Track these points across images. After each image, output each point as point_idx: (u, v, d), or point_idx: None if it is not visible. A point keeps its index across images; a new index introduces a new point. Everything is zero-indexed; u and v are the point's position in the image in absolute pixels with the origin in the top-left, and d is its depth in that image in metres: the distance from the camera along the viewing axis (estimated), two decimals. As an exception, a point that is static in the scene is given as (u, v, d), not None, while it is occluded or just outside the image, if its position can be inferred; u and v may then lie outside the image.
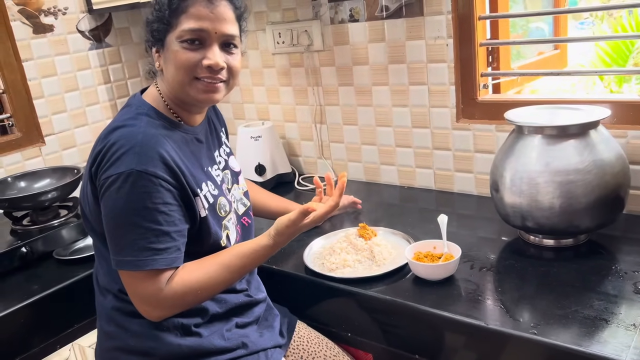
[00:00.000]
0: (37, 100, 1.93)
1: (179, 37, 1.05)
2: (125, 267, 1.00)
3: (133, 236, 0.99)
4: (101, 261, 1.14)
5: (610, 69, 4.01)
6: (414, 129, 1.77)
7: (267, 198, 1.52)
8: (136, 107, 1.10)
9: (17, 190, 1.73)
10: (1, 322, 1.29)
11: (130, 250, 0.99)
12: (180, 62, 1.05)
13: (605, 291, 1.10)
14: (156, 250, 0.99)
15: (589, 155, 1.20)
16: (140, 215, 0.98)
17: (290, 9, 1.91)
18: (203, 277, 1.05)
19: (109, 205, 1.00)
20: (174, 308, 1.05)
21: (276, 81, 2.05)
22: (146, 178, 0.98)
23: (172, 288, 1.02)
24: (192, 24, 1.04)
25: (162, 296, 1.02)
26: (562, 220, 1.23)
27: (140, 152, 0.99)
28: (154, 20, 1.08)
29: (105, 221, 1.02)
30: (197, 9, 1.04)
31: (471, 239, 1.40)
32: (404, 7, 1.66)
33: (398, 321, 1.19)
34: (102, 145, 1.03)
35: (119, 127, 1.04)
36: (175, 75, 1.07)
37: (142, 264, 0.99)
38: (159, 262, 1.00)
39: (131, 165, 0.98)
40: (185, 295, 1.04)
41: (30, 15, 1.89)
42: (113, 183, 0.99)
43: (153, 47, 1.11)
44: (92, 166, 1.04)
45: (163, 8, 1.06)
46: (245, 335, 1.15)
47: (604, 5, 4.39)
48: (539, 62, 2.50)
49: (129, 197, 0.98)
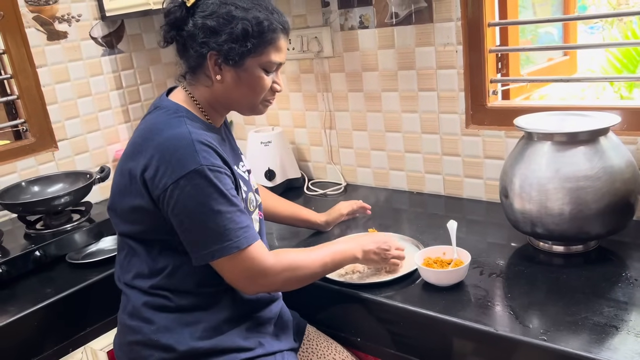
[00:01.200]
0: (51, 105, 1.95)
1: (263, 65, 1.14)
2: (225, 252, 1.04)
3: (223, 223, 1.04)
4: (132, 259, 1.15)
5: (620, 76, 3.99)
6: (423, 134, 1.78)
7: (277, 202, 1.54)
8: (173, 110, 1.13)
9: (31, 194, 1.76)
10: (15, 324, 1.31)
11: (225, 236, 1.04)
12: (261, 87, 1.15)
13: (616, 298, 1.10)
14: (244, 227, 1.07)
15: (599, 161, 1.20)
16: (221, 202, 1.04)
17: (300, 16, 1.93)
18: (305, 260, 1.15)
19: (189, 205, 1.03)
20: (275, 281, 1.11)
21: (286, 87, 2.07)
22: (214, 170, 1.05)
23: (278, 260, 1.10)
24: (278, 58, 1.15)
25: (268, 266, 1.08)
26: (572, 226, 1.23)
27: (199, 149, 1.04)
28: (234, 40, 1.09)
29: (189, 222, 1.05)
30: (282, 43, 1.15)
31: (481, 245, 1.40)
32: (414, 14, 1.67)
33: (407, 327, 1.20)
34: (153, 150, 1.06)
35: (164, 129, 1.08)
36: (249, 96, 1.16)
37: (240, 243, 1.05)
38: (250, 238, 1.07)
39: (197, 162, 1.03)
40: (286, 270, 1.11)
41: (44, 22, 1.92)
42: (186, 185, 1.03)
43: (212, 58, 1.11)
44: (144, 171, 1.06)
45: (253, 34, 1.10)
46: (262, 336, 1.17)
47: (613, 12, 4.37)
48: (548, 68, 2.50)
49: (206, 191, 1.03)
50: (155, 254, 1.12)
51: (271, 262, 1.09)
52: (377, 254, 1.25)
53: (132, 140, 1.13)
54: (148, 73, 2.25)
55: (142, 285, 1.13)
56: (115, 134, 2.16)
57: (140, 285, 1.14)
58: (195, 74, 1.16)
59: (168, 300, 1.12)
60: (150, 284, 1.12)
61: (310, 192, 2.00)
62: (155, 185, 1.05)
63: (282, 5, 1.95)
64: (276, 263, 1.09)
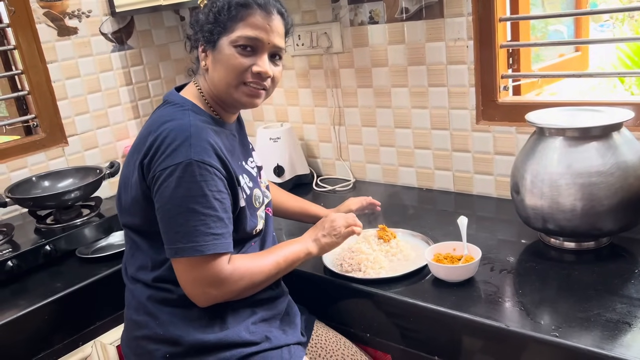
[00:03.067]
0: (61, 101, 1.96)
1: (233, 42, 1.10)
2: (186, 253, 1.03)
3: (193, 223, 1.03)
4: (135, 252, 1.17)
5: (631, 71, 3.95)
6: (433, 130, 1.77)
7: (286, 198, 1.54)
8: (180, 104, 1.15)
9: (41, 189, 1.77)
10: (25, 318, 1.32)
11: (192, 236, 1.03)
12: (233, 65, 1.11)
13: (629, 294, 1.09)
14: (216, 235, 1.04)
15: (611, 157, 1.19)
16: (199, 202, 1.03)
17: (310, 11, 1.92)
18: (259, 265, 1.12)
19: (166, 195, 1.04)
20: (232, 290, 1.09)
21: (295, 83, 2.07)
22: (203, 167, 1.03)
23: (235, 269, 1.07)
24: (249, 32, 1.10)
25: (224, 277, 1.06)
26: (583, 222, 1.22)
27: (194, 143, 1.04)
28: (209, 22, 1.12)
29: (163, 211, 1.05)
30: (256, 18, 1.10)
31: (491, 241, 1.39)
32: (424, 9, 1.66)
33: (417, 322, 1.19)
34: (153, 138, 1.07)
35: (168, 121, 1.09)
36: (224, 77, 1.13)
37: (205, 248, 1.03)
38: (219, 247, 1.04)
39: (188, 155, 1.03)
40: (241, 280, 1.08)
41: (55, 18, 1.93)
42: (172, 173, 1.03)
43: (200, 47, 1.15)
44: (144, 158, 1.07)
45: (222, 12, 1.10)
46: (269, 330, 1.16)
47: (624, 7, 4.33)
48: (559, 64, 2.48)
49: (188, 186, 1.03)
50: (157, 247, 1.12)
51: (228, 272, 1.06)
52: (326, 236, 1.24)
53: (139, 134, 1.15)
54: (157, 69, 2.25)
55: (146, 278, 1.14)
56: (125, 130, 2.16)
57: (143, 278, 1.15)
58: (198, 66, 1.20)
59: (170, 293, 1.12)
60: (153, 276, 1.13)
61: (319, 188, 2.00)
62: (148, 170, 1.06)
63: (292, 0, 1.94)
64: (233, 273, 1.07)
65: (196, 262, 1.04)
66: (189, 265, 1.05)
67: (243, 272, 1.09)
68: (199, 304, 1.09)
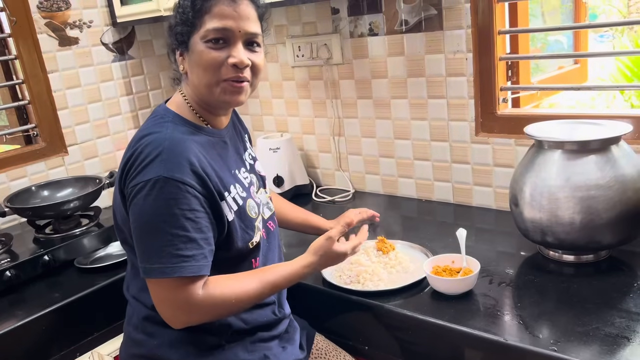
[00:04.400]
0: (62, 111, 1.97)
1: (203, 37, 1.05)
2: (153, 274, 0.99)
3: (160, 243, 0.98)
4: (135, 273, 1.14)
5: (631, 84, 3.97)
6: (432, 142, 1.77)
7: (288, 209, 1.53)
8: (160, 115, 1.11)
9: (41, 199, 1.77)
10: (23, 329, 1.31)
11: (158, 257, 0.98)
12: (206, 61, 1.05)
13: (627, 309, 1.09)
14: (184, 257, 0.98)
15: (610, 170, 1.19)
16: (167, 221, 0.98)
17: (310, 23, 1.94)
18: (239, 289, 1.05)
19: (136, 212, 1.00)
20: (205, 316, 1.04)
21: (295, 94, 2.07)
22: (173, 184, 0.98)
23: (208, 295, 1.01)
24: (216, 24, 1.04)
25: (193, 303, 1.00)
26: (582, 235, 1.22)
27: (167, 158, 1.00)
28: (178, 24, 1.08)
29: (133, 229, 1.02)
30: (221, 8, 1.04)
31: (490, 253, 1.39)
32: (424, 22, 1.67)
33: (416, 335, 1.19)
34: (129, 154, 1.04)
35: (145, 135, 1.05)
36: (201, 76, 1.07)
37: (170, 271, 0.98)
38: (186, 270, 0.98)
39: (158, 172, 0.98)
40: (218, 305, 1.03)
41: (56, 28, 1.94)
42: (140, 190, 0.99)
43: (177, 51, 1.12)
44: (121, 175, 1.05)
45: (186, 10, 1.06)
46: (268, 348, 1.15)
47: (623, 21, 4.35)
48: (559, 76, 2.49)
49: (156, 204, 0.98)
50: None
51: (199, 299, 1.00)
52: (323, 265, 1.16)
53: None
54: (158, 79, 2.26)
55: (146, 301, 1.11)
56: (125, 140, 2.17)
57: (145, 301, 1.11)
58: (181, 75, 1.15)
59: None
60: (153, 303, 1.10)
61: (318, 198, 2.00)
62: (124, 187, 1.04)
63: (292, 12, 1.95)
64: (205, 299, 1.01)
65: (166, 283, 0.99)
66: (158, 286, 1.00)
67: (216, 300, 1.02)
68: (172, 325, 1.03)
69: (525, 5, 1.78)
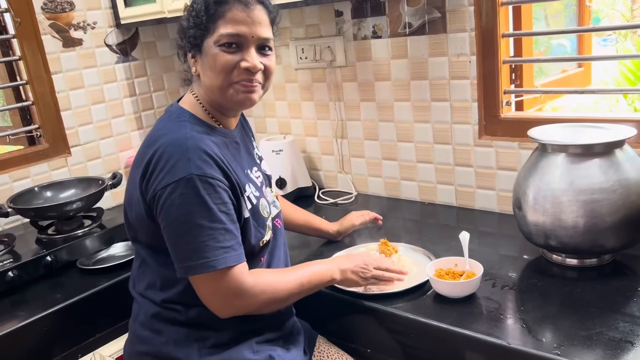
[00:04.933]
0: (65, 112, 1.97)
1: (217, 42, 1.07)
2: (198, 270, 1.01)
3: (202, 238, 1.00)
4: (145, 270, 1.15)
5: (634, 88, 3.96)
6: (435, 144, 1.77)
7: (291, 210, 1.54)
8: (176, 115, 1.13)
9: (44, 199, 1.77)
10: (24, 329, 1.31)
11: (202, 252, 1.01)
12: (220, 65, 1.08)
13: (631, 313, 1.08)
14: (225, 248, 1.02)
15: (614, 174, 1.19)
16: (205, 217, 1.01)
17: (313, 25, 1.94)
18: (282, 282, 1.10)
19: (171, 214, 1.01)
20: (252, 303, 1.07)
21: (298, 96, 2.07)
22: (205, 181, 1.01)
23: (257, 282, 1.06)
24: (230, 29, 1.06)
25: (245, 288, 1.04)
26: (586, 239, 1.21)
27: (193, 157, 1.02)
28: (191, 27, 1.10)
29: (169, 230, 1.03)
30: (234, 13, 1.07)
31: (493, 256, 1.39)
32: (427, 24, 1.67)
33: (418, 338, 1.19)
34: (151, 155, 1.04)
35: (164, 135, 1.07)
36: (214, 79, 1.10)
37: (216, 263, 1.01)
38: (230, 259, 1.02)
39: (188, 170, 1.00)
40: (262, 294, 1.07)
41: (60, 30, 1.94)
42: (173, 191, 1.00)
43: (189, 53, 1.14)
44: (143, 177, 1.05)
45: (200, 14, 1.08)
46: (273, 349, 1.15)
47: (627, 25, 4.35)
48: (562, 80, 2.49)
49: (192, 202, 1.00)
50: (166, 265, 1.10)
51: (250, 285, 1.05)
52: (355, 272, 1.22)
53: (140, 149, 1.13)
54: (161, 80, 2.26)
55: (155, 298, 1.13)
56: (128, 141, 2.17)
57: (152, 297, 1.13)
58: (190, 75, 1.18)
59: (179, 314, 1.11)
60: (163, 297, 1.12)
61: (321, 201, 1.99)
62: (147, 190, 1.04)
63: (296, 14, 1.95)
64: (255, 285, 1.05)
65: (213, 276, 1.02)
66: (207, 281, 1.03)
67: (265, 286, 1.07)
68: (222, 315, 1.07)
69: (528, 8, 1.78)
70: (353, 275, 1.22)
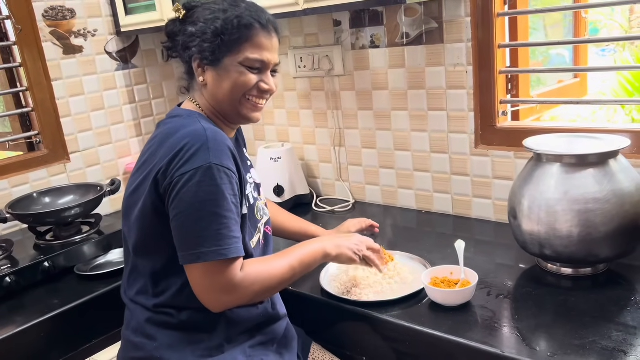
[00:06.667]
0: (65, 118, 1.98)
1: (242, 63, 1.14)
2: (209, 257, 1.02)
3: (216, 226, 1.03)
4: (137, 277, 1.16)
5: (630, 99, 3.98)
6: (432, 153, 1.78)
7: (286, 218, 1.54)
8: (187, 114, 1.16)
9: (42, 205, 1.78)
10: (22, 335, 1.32)
11: (215, 240, 1.03)
12: (242, 82, 1.14)
13: (625, 322, 1.09)
14: (236, 237, 1.05)
15: (608, 184, 1.20)
16: (221, 205, 1.03)
17: (312, 34, 1.95)
18: (270, 270, 1.11)
19: (187, 200, 1.03)
20: (244, 295, 1.08)
21: (297, 104, 2.09)
22: (222, 171, 1.04)
23: (246, 274, 1.07)
24: (257, 54, 1.14)
25: (237, 282, 1.06)
26: (580, 249, 1.22)
27: (212, 147, 1.05)
28: (207, 40, 1.12)
29: (184, 216, 1.04)
30: (260, 39, 1.14)
31: (488, 265, 1.39)
32: (425, 34, 1.68)
33: (413, 346, 1.19)
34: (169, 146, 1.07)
35: (181, 129, 1.09)
36: (229, 93, 1.15)
37: (228, 251, 1.03)
38: (240, 250, 1.05)
39: (207, 159, 1.03)
40: (253, 285, 1.08)
41: (61, 37, 1.96)
42: (191, 178, 1.02)
43: (195, 62, 1.15)
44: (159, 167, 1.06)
45: (226, 33, 1.12)
46: (266, 354, 1.16)
47: (624, 37, 4.37)
48: (558, 90, 2.51)
49: (210, 190, 1.03)
50: (157, 270, 1.12)
51: (240, 279, 1.06)
52: (350, 249, 1.24)
53: (148, 150, 1.14)
54: (161, 88, 2.28)
55: (146, 303, 1.13)
56: (127, 148, 2.18)
57: (143, 302, 1.14)
58: (191, 82, 1.21)
59: (171, 317, 1.12)
60: (154, 303, 1.12)
61: (318, 208, 2.00)
62: (164, 178, 1.05)
63: (295, 23, 1.97)
64: (245, 278, 1.07)
65: (213, 267, 1.03)
66: (204, 271, 1.04)
67: (255, 277, 1.08)
68: (213, 310, 1.08)
69: (525, 19, 1.80)
70: (349, 251, 1.24)
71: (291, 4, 1.58)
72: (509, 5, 1.59)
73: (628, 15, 4.88)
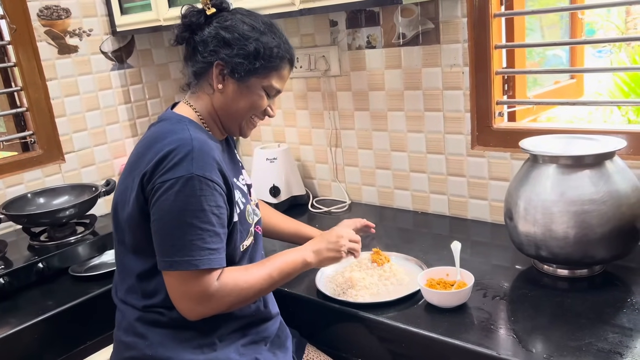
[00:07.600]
0: (59, 118, 1.97)
1: (265, 88, 1.18)
2: (181, 267, 1.03)
3: (190, 237, 1.03)
4: (125, 277, 1.16)
5: (626, 100, 3.99)
6: (428, 154, 1.78)
7: (280, 219, 1.54)
8: (177, 119, 1.16)
9: (36, 206, 1.77)
10: (16, 336, 1.31)
11: (187, 250, 1.03)
12: (258, 104, 1.19)
13: (621, 324, 1.09)
14: (211, 250, 1.05)
15: (604, 185, 1.20)
16: (198, 217, 1.03)
17: (308, 35, 1.95)
18: (250, 277, 1.11)
19: (165, 208, 1.04)
20: (220, 305, 1.08)
21: (293, 104, 2.08)
22: (204, 182, 1.04)
23: (222, 285, 1.07)
24: (279, 85, 1.20)
25: (212, 292, 1.06)
26: (576, 250, 1.22)
27: (197, 157, 1.05)
28: (240, 56, 1.13)
29: (160, 223, 1.05)
30: (285, 73, 1.21)
31: (484, 266, 1.39)
32: (421, 35, 1.68)
33: (409, 348, 1.19)
34: (155, 152, 1.07)
35: (169, 135, 1.09)
36: (242, 110, 1.19)
37: (200, 262, 1.03)
38: (214, 262, 1.05)
39: (190, 169, 1.04)
40: (228, 296, 1.08)
41: (56, 36, 1.95)
42: (172, 187, 1.03)
43: (217, 67, 1.15)
44: (145, 172, 1.06)
45: (262, 57, 1.14)
46: (259, 352, 1.16)
47: (620, 37, 4.39)
48: (555, 91, 2.50)
49: (188, 200, 1.03)
50: (146, 270, 1.11)
51: (215, 289, 1.06)
52: (330, 250, 1.24)
53: (135, 151, 1.14)
54: (156, 88, 2.27)
55: (136, 303, 1.13)
56: (122, 148, 2.17)
57: (133, 302, 1.14)
58: (199, 81, 1.19)
59: (161, 316, 1.11)
60: (144, 304, 1.12)
61: (314, 209, 2.00)
62: (148, 182, 1.06)
63: (291, 23, 1.96)
64: (220, 288, 1.06)
65: (187, 276, 1.04)
66: (179, 279, 1.05)
67: (231, 288, 1.08)
68: (188, 318, 1.08)
69: (522, 20, 1.80)
70: (329, 252, 1.24)
71: (287, 4, 1.58)
72: (505, 6, 1.59)
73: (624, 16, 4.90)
